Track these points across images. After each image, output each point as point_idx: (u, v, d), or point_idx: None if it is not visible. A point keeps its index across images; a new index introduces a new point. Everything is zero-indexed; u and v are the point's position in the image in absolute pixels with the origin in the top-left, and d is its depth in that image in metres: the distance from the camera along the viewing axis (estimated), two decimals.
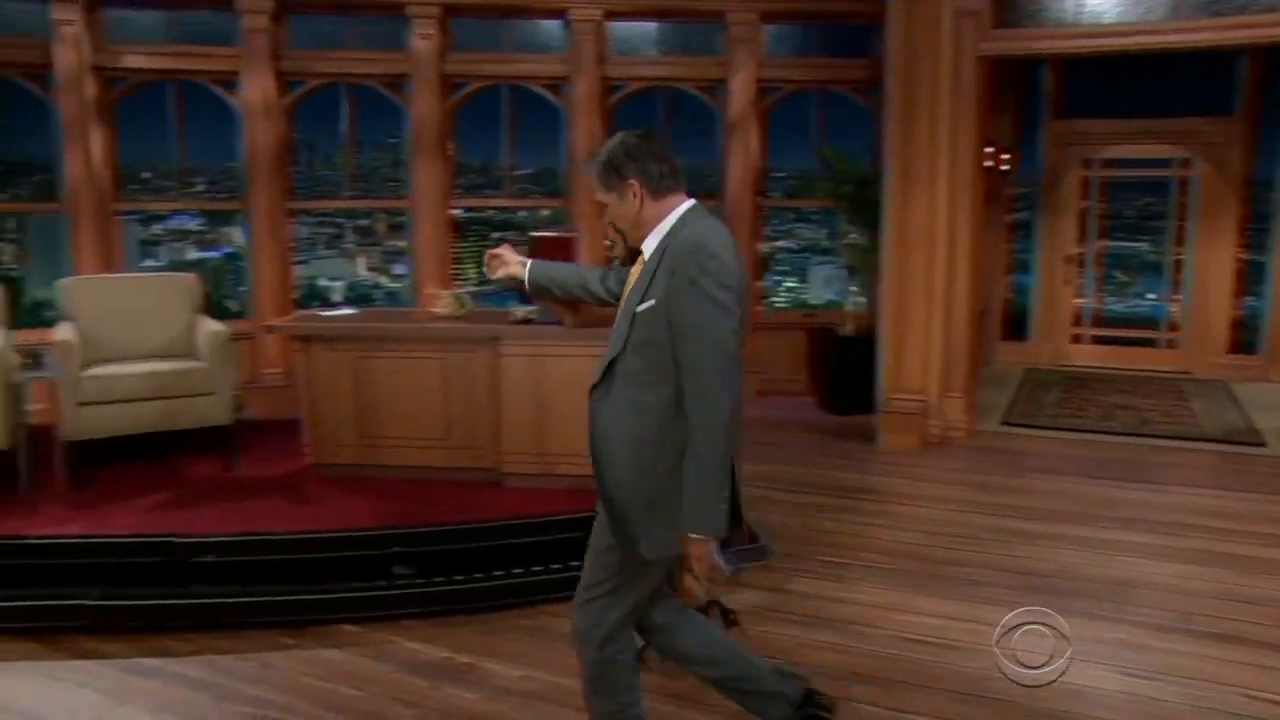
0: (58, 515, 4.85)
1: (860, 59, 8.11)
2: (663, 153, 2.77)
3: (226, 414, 5.44)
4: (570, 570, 4.57)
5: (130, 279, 6.06)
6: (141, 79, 7.49)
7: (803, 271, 9.80)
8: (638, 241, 2.82)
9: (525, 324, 5.15)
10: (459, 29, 7.93)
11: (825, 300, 9.73)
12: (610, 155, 2.78)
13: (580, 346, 5.04)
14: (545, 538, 4.79)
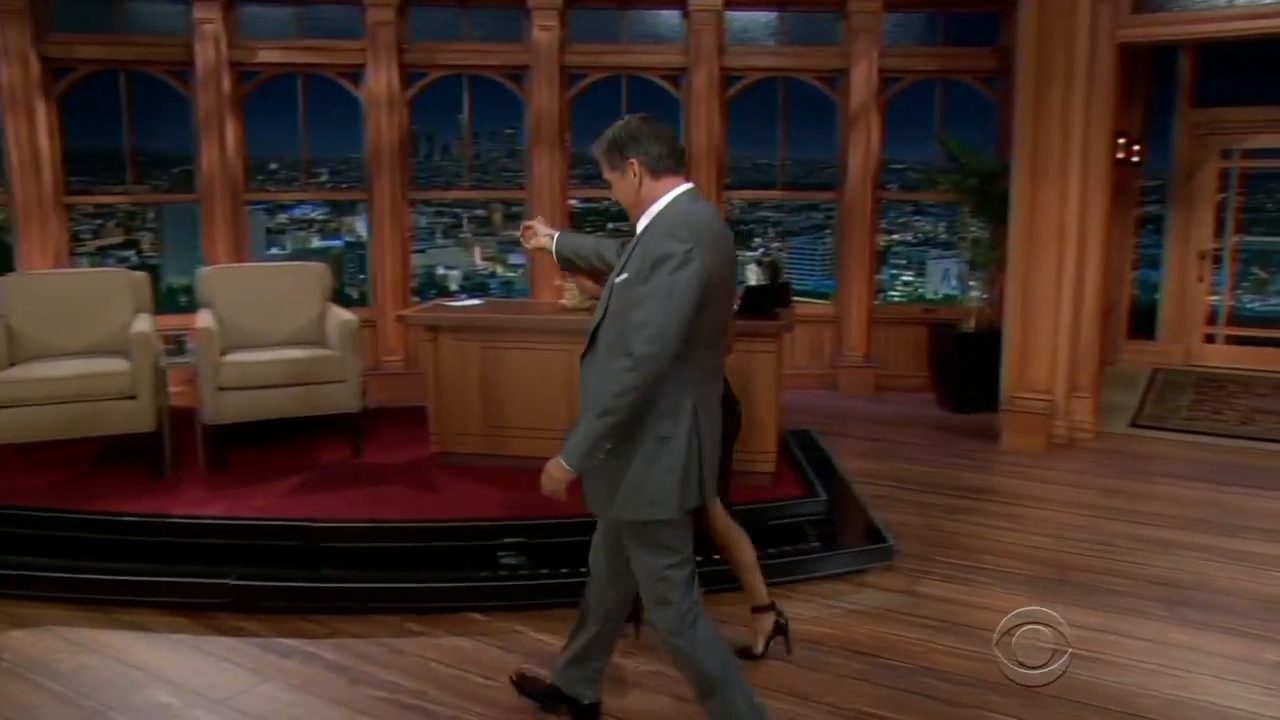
0: (199, 496, 5.03)
1: (985, 48, 7.89)
2: (664, 136, 2.88)
3: (356, 401, 5.56)
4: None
5: (265, 268, 6.25)
6: (272, 73, 7.68)
7: (920, 265, 9.60)
8: (636, 219, 2.92)
9: None
10: (576, 20, 7.94)
11: (942, 295, 9.52)
12: (615, 135, 2.89)
13: None
14: None
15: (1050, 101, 6.55)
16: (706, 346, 2.86)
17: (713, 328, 2.85)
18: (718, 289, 2.80)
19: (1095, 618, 4.32)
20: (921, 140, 8.56)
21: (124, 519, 4.73)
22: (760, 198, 8.76)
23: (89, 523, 4.75)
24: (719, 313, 2.86)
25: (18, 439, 5.09)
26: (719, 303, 2.83)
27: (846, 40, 7.91)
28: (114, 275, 5.79)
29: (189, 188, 8.12)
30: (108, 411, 5.11)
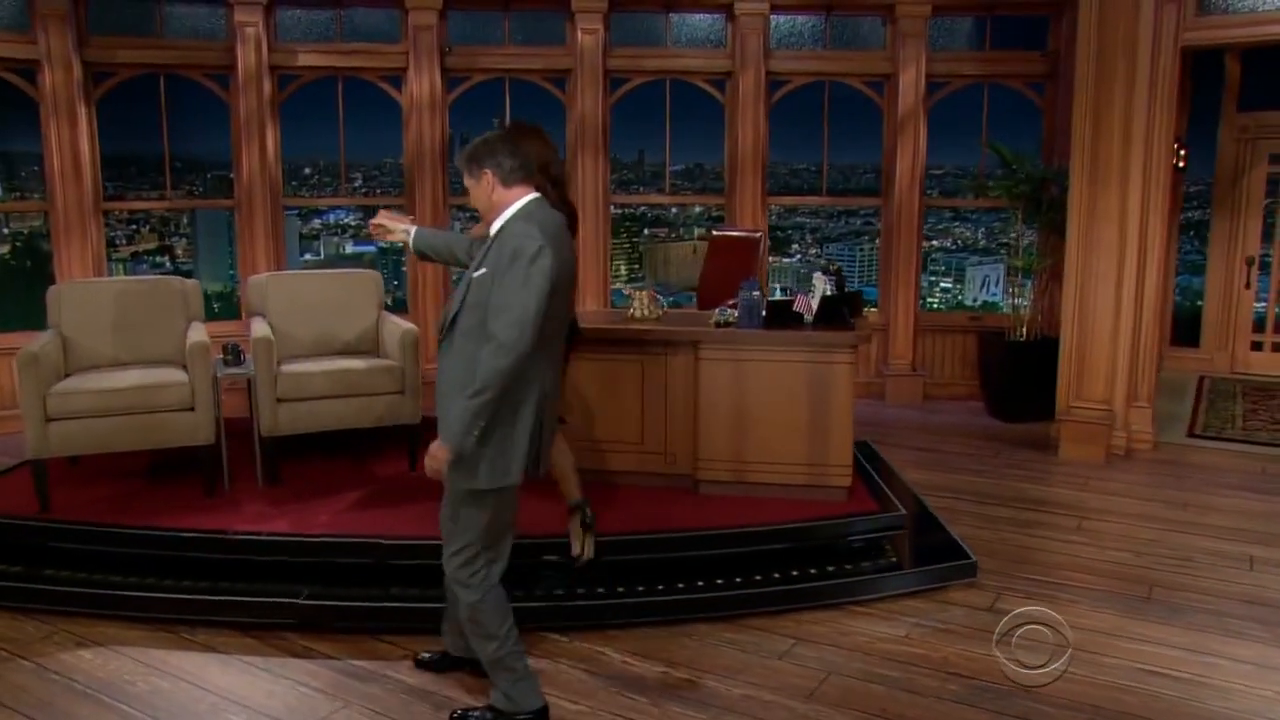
0: (259, 512, 4.89)
1: (1032, 52, 7.78)
2: (517, 150, 3.30)
3: (416, 412, 5.42)
4: (772, 584, 4.46)
5: (318, 275, 6.08)
6: (311, 76, 7.55)
7: (959, 272, 9.48)
8: (489, 222, 3.35)
9: (725, 328, 5.01)
10: (618, 23, 7.82)
11: (981, 302, 9.40)
12: (473, 149, 3.31)
13: (782, 352, 4.91)
14: (745, 549, 4.66)
15: (1111, 105, 6.43)
16: (553, 335, 3.31)
17: (557, 319, 3.31)
18: (563, 285, 3.27)
19: (1188, 638, 4.20)
20: (963, 146, 8.46)
21: (186, 535, 4.59)
22: (804, 203, 8.63)
23: (150, 539, 4.60)
24: (562, 306, 3.33)
25: (76, 451, 4.94)
26: (562, 297, 3.30)
27: (892, 44, 7.79)
28: (166, 284, 5.64)
29: (223, 193, 8.01)
30: (166, 423, 4.97)
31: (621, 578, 4.46)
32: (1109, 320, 6.60)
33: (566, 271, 3.31)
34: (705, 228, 9.80)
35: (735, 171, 7.94)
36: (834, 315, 4.99)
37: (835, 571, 4.62)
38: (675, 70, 7.90)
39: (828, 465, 4.96)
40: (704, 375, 5.00)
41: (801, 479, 4.99)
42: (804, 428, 4.94)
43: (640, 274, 9.74)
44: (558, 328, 3.36)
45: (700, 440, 5.06)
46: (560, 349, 3.48)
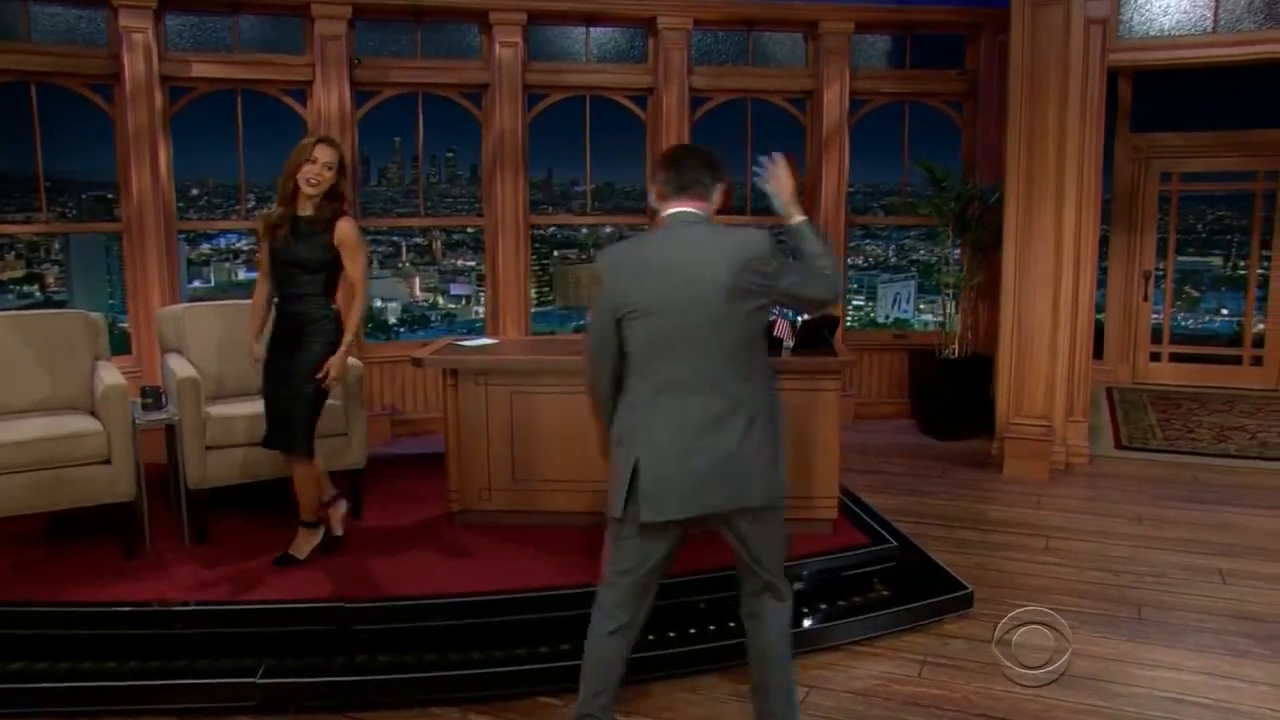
0: (194, 576, 4.30)
1: (950, 70, 7.77)
2: (672, 163, 2.98)
3: (360, 455, 4.90)
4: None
5: (240, 306, 5.37)
6: (206, 89, 6.88)
7: (871, 290, 9.45)
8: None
9: None
10: (536, 37, 7.44)
11: (893, 319, 9.39)
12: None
13: None
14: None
15: (1045, 124, 6.44)
16: (650, 361, 2.89)
17: (647, 346, 2.88)
18: (638, 311, 2.85)
19: (1199, 660, 4.10)
20: (878, 163, 8.42)
21: (114, 609, 3.96)
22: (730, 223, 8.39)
23: (67, 616, 3.96)
24: (651, 331, 2.86)
25: None
26: (647, 322, 2.85)
27: (815, 61, 7.66)
28: (68, 317, 4.95)
29: (100, 215, 7.25)
30: (79, 480, 4.31)
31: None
32: (1046, 336, 6.60)
33: (654, 293, 2.84)
34: None
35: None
36: (815, 340, 4.74)
37: (833, 610, 4.35)
38: (596, 86, 7.56)
39: (813, 497, 4.70)
40: None
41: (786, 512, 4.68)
42: (788, 458, 4.63)
43: (551, 297, 9.37)
44: (654, 353, 2.88)
45: None
46: (692, 372, 2.86)
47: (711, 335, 2.83)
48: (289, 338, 4.37)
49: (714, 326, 2.82)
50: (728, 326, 2.83)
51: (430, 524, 4.90)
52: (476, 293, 8.98)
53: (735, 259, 2.80)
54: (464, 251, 9.00)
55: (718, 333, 2.83)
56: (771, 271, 2.83)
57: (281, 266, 4.35)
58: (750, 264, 2.80)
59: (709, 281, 2.80)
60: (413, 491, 5.36)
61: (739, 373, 2.88)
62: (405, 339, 8.54)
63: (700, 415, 2.86)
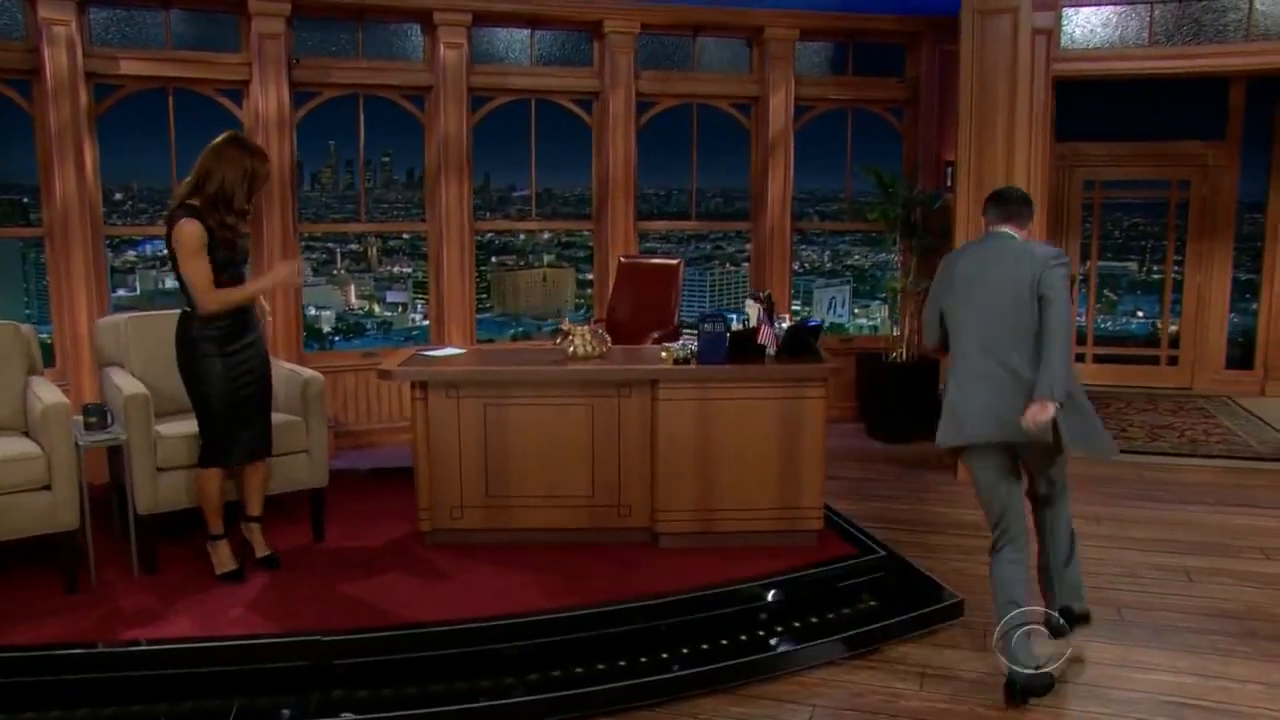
0: (148, 609, 3.85)
1: (892, 78, 7.66)
2: (993, 198, 3.83)
3: (322, 474, 4.48)
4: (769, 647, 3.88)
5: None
6: (136, 87, 6.33)
7: (807, 294, 9.30)
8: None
9: (685, 364, 4.40)
10: (479, 39, 7.07)
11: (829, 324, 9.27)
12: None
13: (751, 388, 4.38)
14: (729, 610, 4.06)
15: (994, 131, 6.34)
16: (968, 333, 3.69)
17: (966, 325, 3.69)
18: (959, 297, 3.72)
19: (1188, 661, 4.01)
20: (819, 169, 8.26)
21: (60, 652, 3.48)
22: (677, 228, 8.17)
23: (5, 663, 3.46)
24: (968, 314, 3.68)
25: None
26: (966, 308, 3.69)
27: (761, 67, 7.46)
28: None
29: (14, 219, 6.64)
30: (15, 507, 3.81)
31: (594, 657, 3.73)
32: None
33: (968, 289, 3.69)
34: (555, 254, 9.18)
35: (605, 195, 7.35)
36: (799, 346, 4.50)
37: (825, 624, 4.11)
38: (542, 89, 7.23)
39: (799, 508, 4.48)
40: (663, 417, 4.39)
41: (772, 524, 4.48)
42: (775, 469, 4.43)
43: (489, 303, 8.99)
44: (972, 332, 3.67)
45: (659, 489, 4.44)
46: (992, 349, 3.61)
47: (1010, 319, 3.55)
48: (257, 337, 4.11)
49: (1014, 313, 3.55)
50: (1021, 315, 3.53)
51: (400, 545, 4.51)
52: (413, 300, 8.56)
53: (1034, 268, 3.54)
54: (400, 258, 8.56)
55: (1015, 318, 3.54)
56: (1050, 291, 3.51)
57: (238, 268, 3.98)
58: (1041, 275, 3.52)
59: (1013, 281, 3.57)
60: (375, 510, 4.96)
61: (1026, 349, 3.53)
62: (341, 348, 8.05)
63: (999, 376, 3.57)
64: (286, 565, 4.27)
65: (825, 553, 4.47)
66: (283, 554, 4.35)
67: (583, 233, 8.79)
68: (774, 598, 4.18)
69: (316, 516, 4.55)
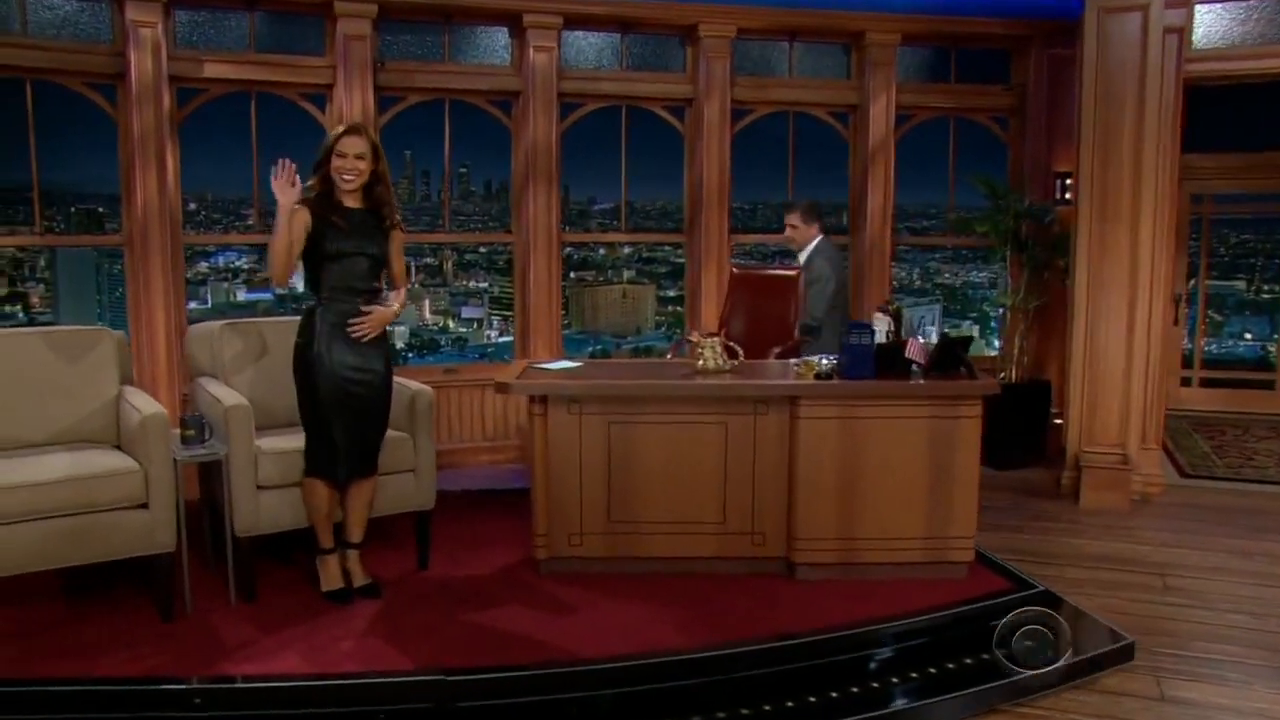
0: (250, 642, 3.52)
1: (996, 85, 7.29)
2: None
3: (429, 495, 4.15)
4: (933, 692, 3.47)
5: (282, 323, 4.51)
6: (220, 91, 6.10)
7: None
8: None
9: (828, 379, 4.03)
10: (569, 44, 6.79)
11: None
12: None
13: (901, 407, 3.99)
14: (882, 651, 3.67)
15: (1119, 138, 5.93)
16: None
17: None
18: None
19: None
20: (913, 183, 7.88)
21: (160, 687, 3.15)
22: (773, 242, 7.81)
23: (101, 697, 3.14)
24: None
25: None
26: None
27: (861, 74, 7.12)
28: (92, 336, 4.13)
29: (90, 228, 6.44)
30: (110, 528, 3.51)
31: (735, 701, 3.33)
32: (1120, 360, 6.07)
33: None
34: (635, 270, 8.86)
35: (697, 207, 7.02)
36: (949, 362, 4.12)
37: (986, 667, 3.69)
38: (633, 96, 6.92)
39: (949, 538, 4.09)
40: (803, 437, 4.02)
41: (918, 556, 4.09)
42: (923, 495, 4.05)
43: (567, 320, 8.68)
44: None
45: (797, 515, 4.07)
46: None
47: None
48: (363, 342, 3.78)
49: None
50: None
51: (513, 574, 4.17)
52: (489, 316, 8.26)
53: None
54: (476, 272, 8.27)
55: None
56: None
57: (351, 259, 3.74)
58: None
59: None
60: (479, 535, 4.63)
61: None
62: (414, 364, 7.76)
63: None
64: (392, 595, 3.94)
65: (977, 588, 4.07)
66: (386, 583, 4.02)
67: (664, 247, 8.48)
68: (925, 637, 3.77)
69: (422, 541, 4.22)
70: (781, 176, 7.42)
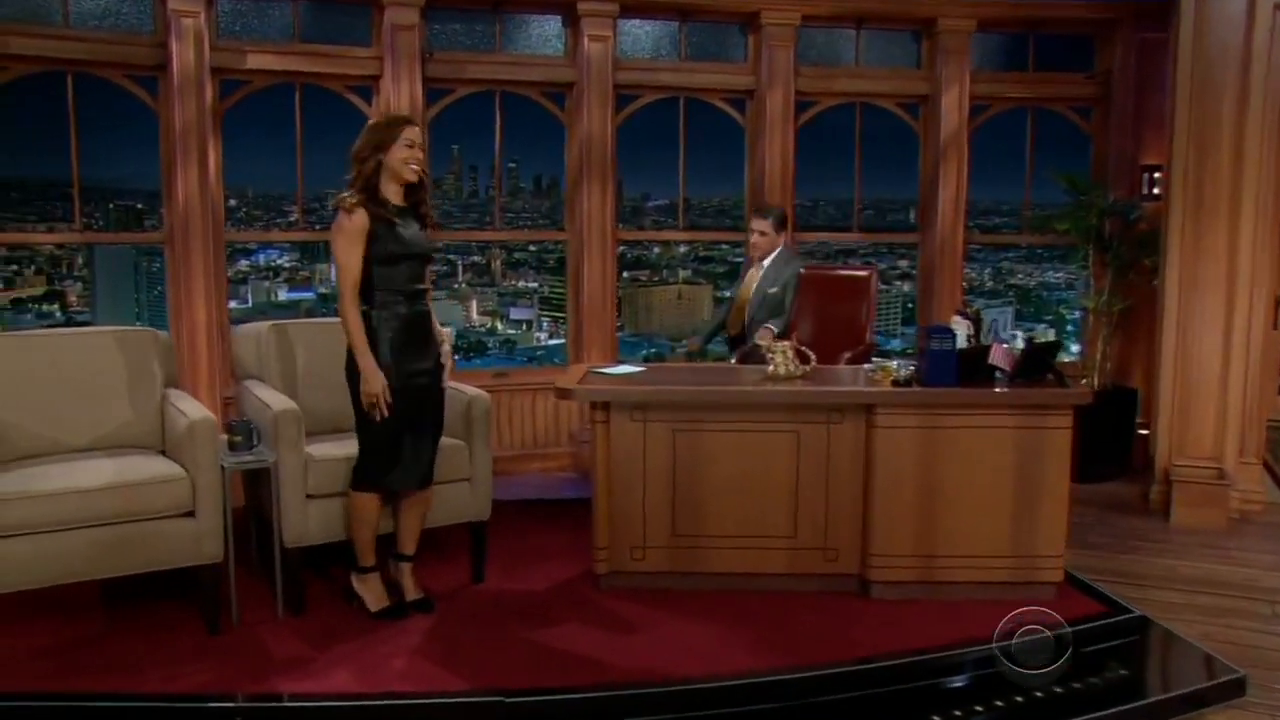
0: (299, 657, 3.52)
1: (1080, 73, 7.13)
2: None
3: (484, 505, 4.12)
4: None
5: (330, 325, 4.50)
6: (264, 83, 6.15)
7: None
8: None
9: (907, 386, 3.95)
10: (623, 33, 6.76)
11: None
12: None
13: (985, 416, 3.90)
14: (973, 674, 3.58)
15: (1218, 127, 5.77)
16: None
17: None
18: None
19: None
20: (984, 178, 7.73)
21: (211, 705, 3.15)
22: (838, 240, 7.72)
23: (149, 715, 3.15)
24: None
25: (20, 585, 3.41)
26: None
27: (932, 63, 7.01)
28: (136, 337, 4.16)
29: (127, 225, 6.52)
30: (156, 537, 3.53)
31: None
32: (1216, 367, 5.90)
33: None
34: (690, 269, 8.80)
35: (759, 204, 6.93)
36: (1036, 368, 4.02)
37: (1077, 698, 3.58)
38: (692, 87, 6.88)
39: (1036, 556, 4.00)
40: (880, 447, 3.94)
41: (1003, 575, 4.00)
42: (1008, 510, 3.96)
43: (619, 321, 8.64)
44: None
45: (873, 530, 4.00)
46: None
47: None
48: (424, 346, 3.86)
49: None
50: None
51: (571, 588, 4.13)
52: (538, 317, 8.24)
53: None
54: (524, 271, 8.26)
55: None
56: None
57: (413, 261, 3.72)
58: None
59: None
60: (534, 547, 4.61)
61: None
62: (462, 367, 7.75)
63: None
64: (445, 611, 3.92)
65: (1066, 611, 3.95)
66: (439, 597, 4.00)
67: (721, 245, 8.41)
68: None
69: (478, 554, 4.20)
70: (845, 171, 7.34)
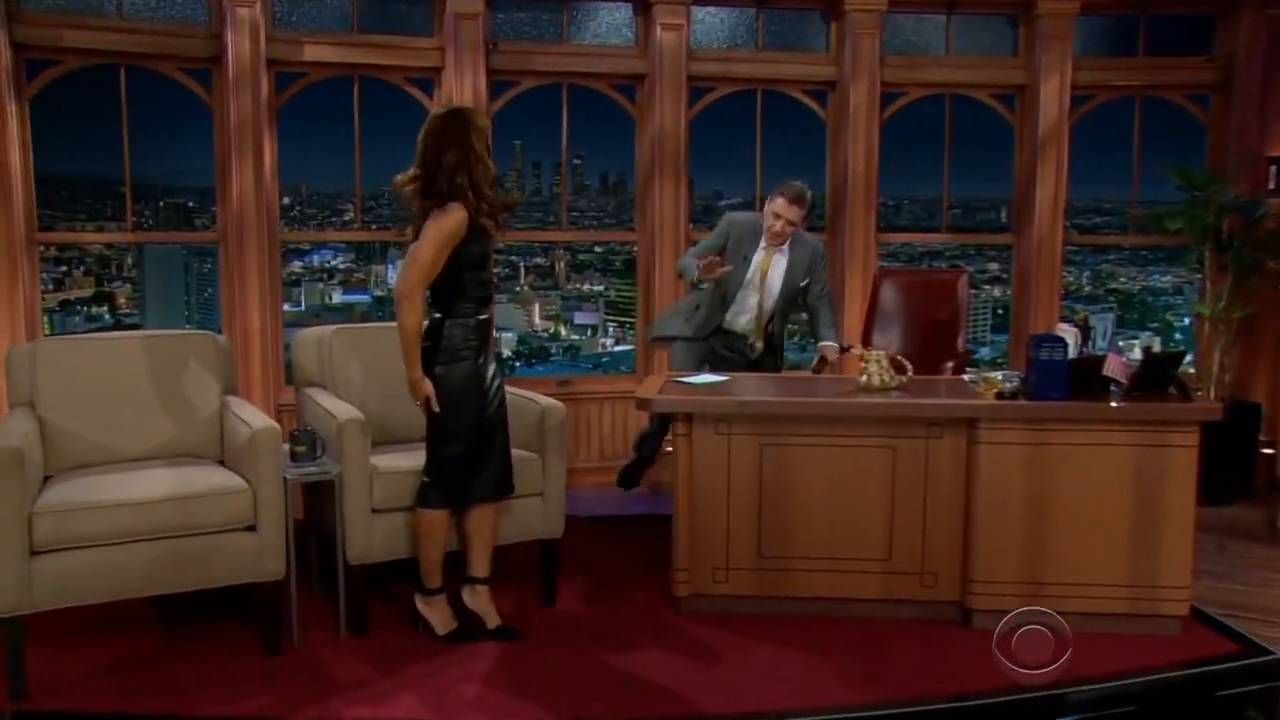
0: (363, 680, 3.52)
1: (1196, 58, 6.94)
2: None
3: (558, 524, 4.11)
4: None
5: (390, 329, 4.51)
6: (320, 75, 6.21)
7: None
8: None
9: (1012, 399, 3.86)
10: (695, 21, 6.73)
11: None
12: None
13: (1099, 432, 3.79)
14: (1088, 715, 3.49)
15: None
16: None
17: None
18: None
19: None
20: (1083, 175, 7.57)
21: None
22: (925, 241, 7.61)
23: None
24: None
25: (78, 600, 3.44)
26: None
27: (1030, 50, 6.87)
28: (194, 341, 4.21)
29: (177, 224, 6.63)
30: (216, 552, 3.55)
31: None
32: None
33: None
34: None
35: (840, 202, 6.86)
36: (1157, 380, 3.91)
37: None
38: (770, 79, 6.82)
39: (1158, 587, 3.87)
40: (983, 465, 3.85)
41: (1121, 606, 3.88)
42: (1126, 536, 3.85)
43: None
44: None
45: (975, 555, 3.91)
46: None
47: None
48: (491, 355, 3.84)
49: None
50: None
51: (649, 613, 4.09)
52: (604, 322, 8.24)
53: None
54: (590, 274, 8.26)
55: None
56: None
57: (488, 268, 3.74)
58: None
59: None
60: (611, 567, 4.59)
61: None
62: (523, 374, 7.78)
63: None
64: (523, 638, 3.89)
65: (1193, 648, 3.83)
66: (508, 619, 3.97)
67: None
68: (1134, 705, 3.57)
69: (549, 574, 4.17)
70: (933, 168, 7.23)
